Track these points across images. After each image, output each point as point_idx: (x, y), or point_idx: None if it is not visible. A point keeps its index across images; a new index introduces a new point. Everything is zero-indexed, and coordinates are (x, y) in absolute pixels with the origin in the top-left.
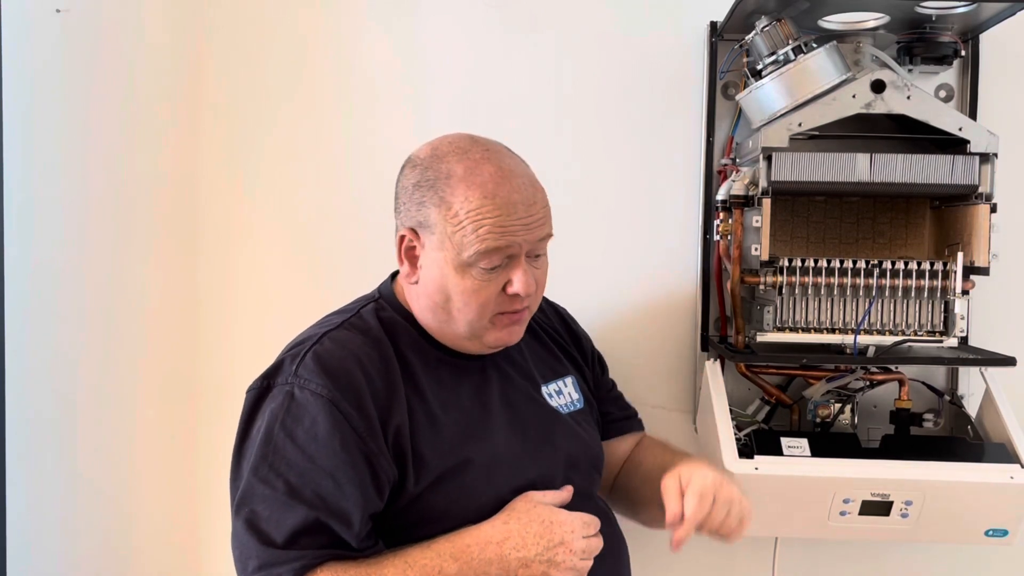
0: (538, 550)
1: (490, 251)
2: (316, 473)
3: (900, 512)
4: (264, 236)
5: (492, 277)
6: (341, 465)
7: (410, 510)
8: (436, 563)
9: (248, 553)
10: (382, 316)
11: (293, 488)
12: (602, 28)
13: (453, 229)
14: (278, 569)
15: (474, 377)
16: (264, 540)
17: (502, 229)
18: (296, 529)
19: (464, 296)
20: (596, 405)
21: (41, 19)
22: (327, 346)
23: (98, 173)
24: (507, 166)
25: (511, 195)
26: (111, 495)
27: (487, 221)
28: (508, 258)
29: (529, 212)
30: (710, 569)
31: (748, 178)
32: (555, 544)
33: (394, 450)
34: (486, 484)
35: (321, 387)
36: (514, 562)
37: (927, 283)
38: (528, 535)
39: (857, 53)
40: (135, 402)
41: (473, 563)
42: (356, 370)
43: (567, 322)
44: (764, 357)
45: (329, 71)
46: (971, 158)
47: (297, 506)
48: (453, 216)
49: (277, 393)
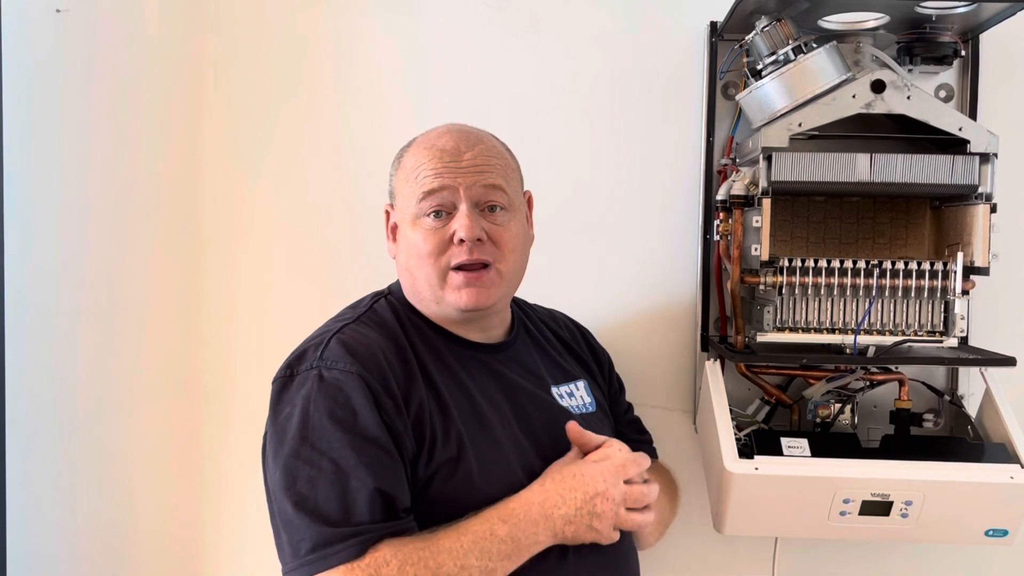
0: (577, 504)
1: (427, 194)
2: (360, 444)
3: (900, 512)
4: (264, 235)
5: (438, 226)
6: (381, 436)
7: (418, 499)
8: (487, 526)
9: (299, 535)
10: (393, 309)
11: (338, 463)
12: (602, 28)
13: (404, 185)
14: (335, 547)
15: (482, 370)
16: (317, 519)
17: (434, 171)
18: (349, 503)
19: (416, 249)
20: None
21: (41, 19)
22: (348, 334)
23: (98, 173)
24: (457, 126)
25: (447, 143)
26: (111, 494)
27: (424, 167)
28: (453, 207)
29: (463, 156)
30: (710, 569)
31: (748, 178)
32: (592, 495)
33: (415, 431)
34: (488, 475)
35: (349, 365)
36: (558, 520)
37: (927, 283)
38: (565, 491)
39: (857, 53)
40: (136, 401)
41: (521, 524)
42: (379, 354)
43: (586, 336)
44: (764, 357)
45: (329, 71)
46: (971, 158)
47: (347, 480)
48: (403, 173)
49: (304, 378)
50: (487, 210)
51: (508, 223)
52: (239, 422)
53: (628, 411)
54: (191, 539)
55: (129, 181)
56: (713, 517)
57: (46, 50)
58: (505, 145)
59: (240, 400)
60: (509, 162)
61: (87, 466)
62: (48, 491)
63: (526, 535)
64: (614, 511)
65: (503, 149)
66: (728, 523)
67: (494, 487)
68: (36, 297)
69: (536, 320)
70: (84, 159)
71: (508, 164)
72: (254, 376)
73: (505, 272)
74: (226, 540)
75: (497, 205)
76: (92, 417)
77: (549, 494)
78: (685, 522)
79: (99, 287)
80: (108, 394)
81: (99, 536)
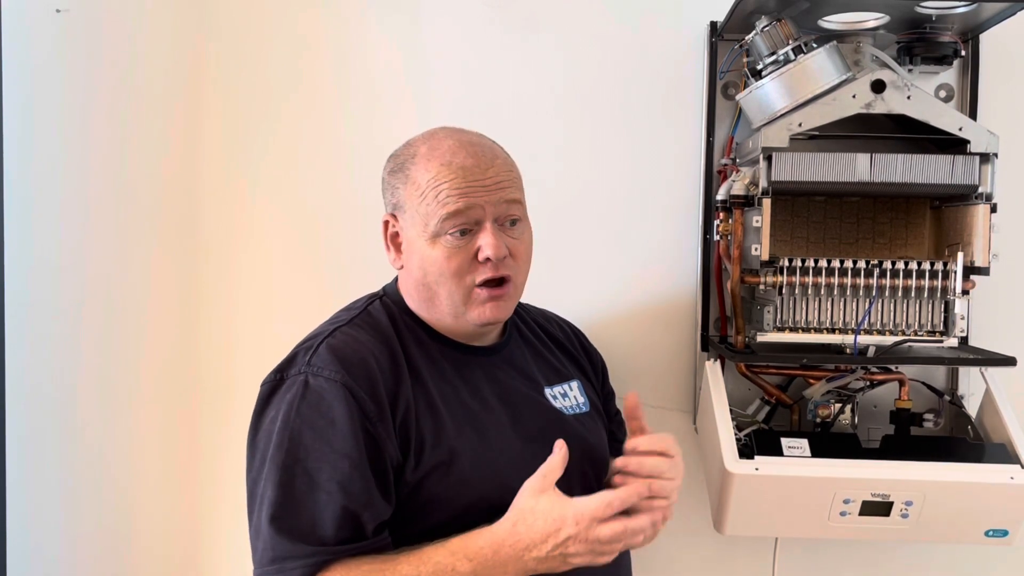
0: (548, 548)
1: (452, 214)
2: (335, 459)
3: (900, 512)
4: (265, 235)
5: (462, 244)
6: (358, 448)
7: (408, 502)
8: (450, 561)
9: (264, 543)
10: (388, 311)
11: (312, 475)
12: (602, 28)
13: (419, 201)
14: (291, 563)
15: (475, 373)
16: (282, 529)
17: (459, 191)
18: (316, 517)
19: (438, 266)
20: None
21: (41, 19)
22: (339, 338)
23: (98, 173)
24: (466, 138)
25: (466, 160)
26: (111, 495)
27: (445, 186)
28: (476, 223)
29: (486, 174)
30: (710, 569)
31: (748, 178)
32: (564, 539)
33: (400, 436)
34: (479, 478)
35: (335, 373)
36: (530, 561)
37: (927, 283)
38: (535, 535)
39: (857, 53)
40: (136, 402)
41: (488, 564)
42: (369, 359)
43: (580, 337)
44: (764, 357)
45: (329, 71)
46: (971, 158)
47: (317, 492)
48: (417, 189)
49: (291, 383)
50: (507, 224)
51: (523, 235)
52: (239, 422)
53: (618, 414)
54: (191, 539)
55: (129, 181)
56: (713, 517)
57: (46, 50)
58: (506, 151)
59: (240, 400)
60: (517, 170)
61: (87, 466)
62: (48, 491)
63: (491, 574)
64: (588, 548)
65: (509, 157)
66: (728, 523)
67: (487, 489)
68: (36, 297)
69: (529, 321)
70: (84, 159)
71: (518, 174)
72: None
73: (520, 284)
74: (226, 540)
75: (516, 219)
76: (92, 417)
77: (520, 536)
78: (685, 522)
79: (99, 287)
80: (108, 394)
81: (99, 536)
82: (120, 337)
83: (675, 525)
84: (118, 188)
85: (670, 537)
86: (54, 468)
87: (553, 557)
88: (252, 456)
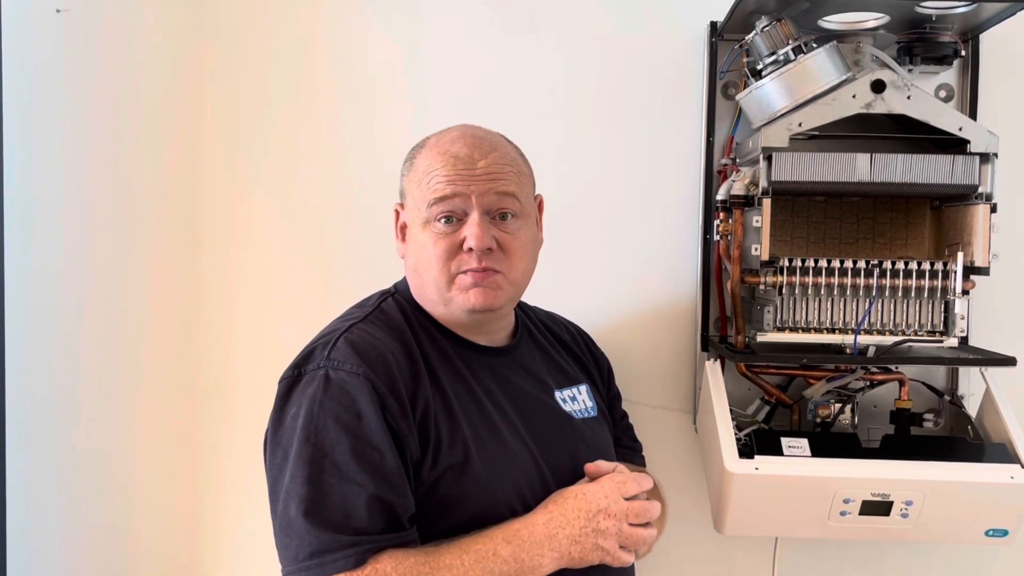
0: (581, 523)
1: (438, 200)
2: (363, 449)
3: (900, 512)
4: (265, 235)
5: (448, 231)
6: (385, 440)
7: (423, 502)
8: (490, 546)
9: (299, 539)
10: (401, 308)
11: (340, 466)
12: (602, 28)
13: (416, 188)
14: (333, 555)
15: (487, 373)
16: (316, 522)
17: (447, 178)
18: (348, 508)
19: (425, 251)
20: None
21: (41, 19)
22: (357, 334)
23: (98, 173)
24: (471, 131)
25: (461, 149)
26: (111, 494)
27: (437, 172)
28: (464, 212)
29: (478, 164)
30: (710, 569)
31: (748, 178)
32: (595, 512)
33: (420, 434)
34: (492, 479)
35: (356, 367)
36: (564, 540)
37: (927, 283)
38: (568, 511)
39: (857, 53)
40: (136, 402)
41: (525, 544)
42: (388, 355)
43: (587, 340)
44: (764, 357)
45: (329, 71)
46: (971, 158)
47: (347, 484)
48: (416, 176)
49: (311, 378)
50: (498, 217)
51: (518, 231)
52: (239, 422)
53: (624, 418)
54: (191, 539)
55: (129, 181)
56: (713, 517)
57: (46, 50)
58: (519, 149)
59: (240, 400)
60: (522, 168)
61: (87, 466)
62: (48, 491)
63: (530, 556)
64: (617, 527)
65: (516, 155)
66: (728, 523)
67: (502, 490)
68: (36, 297)
69: (537, 322)
70: (84, 159)
71: (521, 171)
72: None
73: (514, 279)
74: (226, 540)
75: (508, 212)
76: (92, 417)
77: (553, 515)
78: (685, 522)
79: (99, 287)
80: (108, 394)
81: (99, 536)
82: (120, 337)
83: (675, 525)
84: (118, 188)
85: (670, 537)
86: (54, 468)
87: (587, 536)
88: (273, 453)
